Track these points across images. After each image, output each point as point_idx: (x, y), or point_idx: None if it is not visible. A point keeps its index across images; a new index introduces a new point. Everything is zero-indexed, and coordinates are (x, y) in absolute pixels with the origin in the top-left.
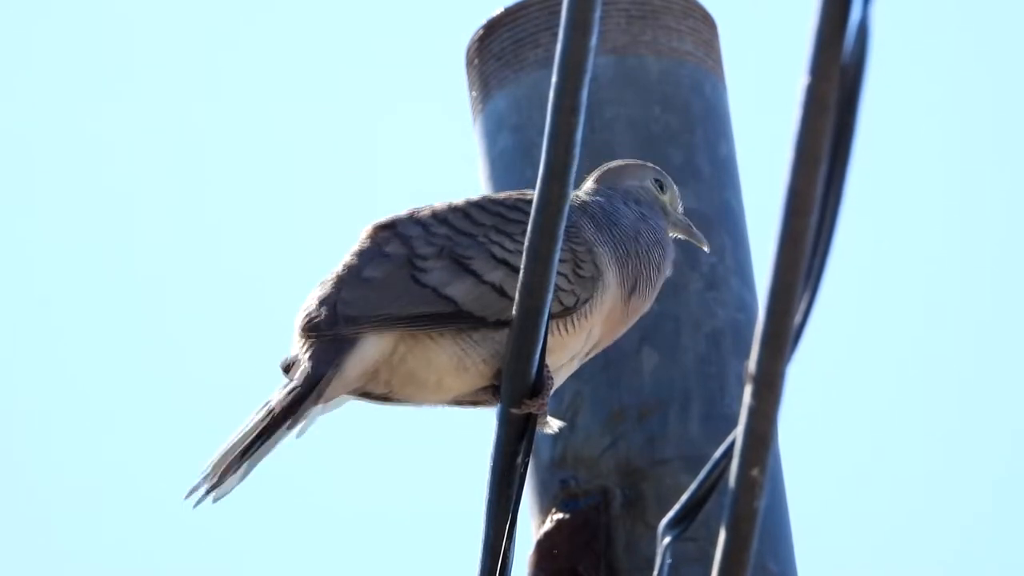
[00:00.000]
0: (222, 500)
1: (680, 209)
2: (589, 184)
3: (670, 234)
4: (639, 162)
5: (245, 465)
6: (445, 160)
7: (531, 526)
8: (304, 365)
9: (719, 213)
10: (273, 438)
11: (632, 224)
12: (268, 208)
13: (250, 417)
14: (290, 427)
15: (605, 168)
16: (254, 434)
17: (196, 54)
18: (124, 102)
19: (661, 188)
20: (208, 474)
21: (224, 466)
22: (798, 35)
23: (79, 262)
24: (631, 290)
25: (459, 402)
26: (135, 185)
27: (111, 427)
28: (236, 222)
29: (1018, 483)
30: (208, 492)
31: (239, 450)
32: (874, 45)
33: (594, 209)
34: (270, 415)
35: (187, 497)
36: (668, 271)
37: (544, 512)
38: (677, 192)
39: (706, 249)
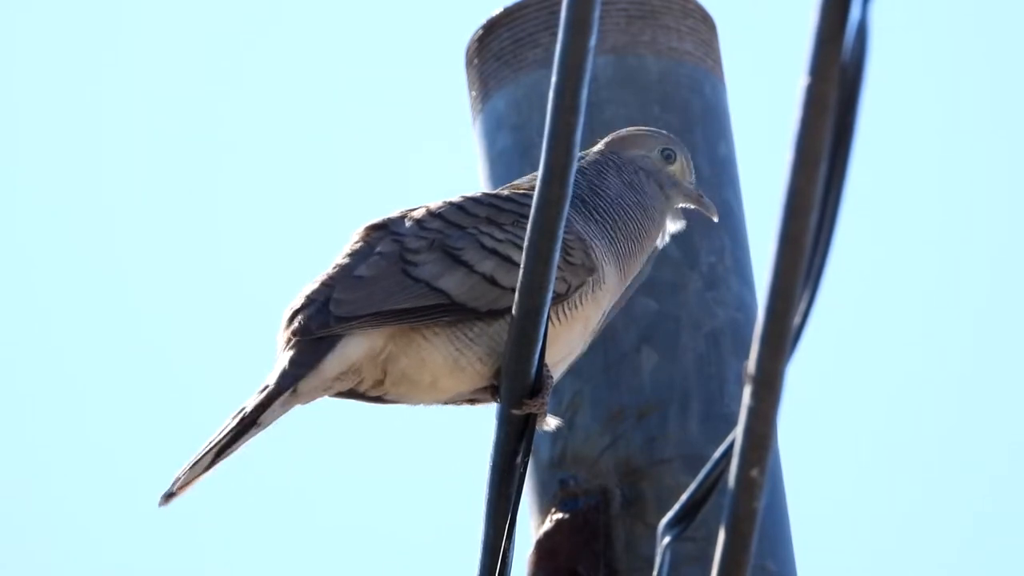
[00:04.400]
0: (192, 494)
1: (692, 178)
2: (595, 148)
3: (680, 205)
4: (650, 130)
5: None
6: (445, 160)
7: (531, 526)
8: (280, 364)
9: (719, 213)
10: (244, 437)
11: (616, 193)
12: (265, 208)
13: (225, 421)
14: (261, 426)
15: (614, 135)
16: (227, 437)
17: (193, 54)
18: (122, 103)
19: (669, 157)
20: (181, 480)
21: (197, 471)
22: (798, 35)
23: (73, 263)
24: (627, 259)
25: (455, 401)
26: (130, 187)
27: (100, 428)
28: (233, 222)
29: (1018, 483)
30: (174, 493)
31: (212, 453)
32: (874, 45)
33: (582, 186)
34: (242, 418)
35: (161, 503)
36: (655, 237)
37: (544, 512)
38: (690, 160)
39: (715, 218)
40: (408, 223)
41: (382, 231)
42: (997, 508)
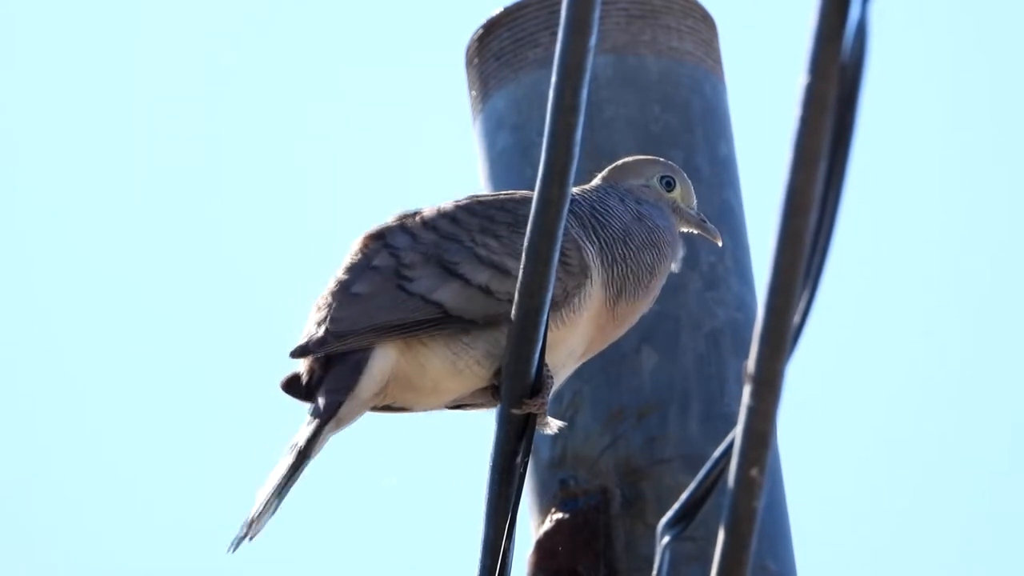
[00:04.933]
0: (258, 535)
1: (694, 204)
2: (594, 182)
3: (682, 229)
4: (648, 158)
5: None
6: (445, 160)
7: (531, 526)
8: (320, 394)
9: (719, 213)
10: (300, 471)
11: (623, 226)
12: (265, 207)
13: (281, 461)
14: (311, 456)
15: (613, 165)
16: (289, 476)
17: (193, 55)
18: (123, 104)
19: (669, 185)
20: (253, 523)
21: (267, 514)
22: (798, 34)
23: (74, 265)
24: (618, 294)
25: (459, 405)
26: (131, 186)
27: (112, 435)
28: (234, 222)
29: (1018, 482)
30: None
31: (277, 495)
32: (873, 44)
33: (583, 209)
34: (299, 455)
35: (233, 550)
36: (669, 270)
37: (544, 512)
38: (690, 186)
39: (719, 243)
40: (404, 234)
41: (379, 242)
42: (997, 508)
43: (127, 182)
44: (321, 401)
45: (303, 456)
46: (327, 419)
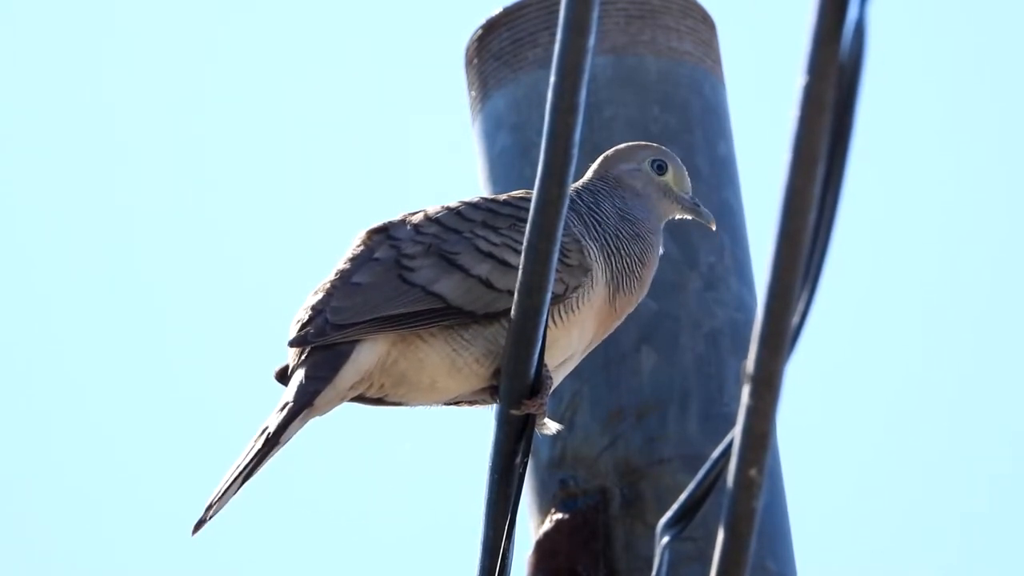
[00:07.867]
0: (216, 515)
1: (687, 188)
2: (588, 173)
3: (675, 215)
4: (640, 143)
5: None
6: (444, 160)
7: (530, 526)
8: (297, 379)
9: (718, 212)
10: (270, 455)
11: (614, 223)
12: (265, 208)
13: (249, 443)
14: (282, 444)
15: (605, 154)
16: (254, 460)
17: (193, 54)
18: (127, 107)
19: (661, 168)
20: (215, 504)
21: (229, 496)
22: (796, 34)
23: (78, 266)
24: (616, 287)
25: (456, 402)
26: (134, 189)
27: (107, 429)
28: (233, 224)
29: (1018, 482)
30: (210, 518)
31: (241, 477)
32: (871, 44)
33: (580, 207)
34: (267, 439)
35: (195, 532)
36: (658, 259)
37: (543, 512)
38: (684, 171)
39: (713, 227)
40: (407, 228)
41: (382, 235)
42: (997, 507)
43: (127, 177)
44: (298, 387)
45: (274, 442)
46: (302, 406)
